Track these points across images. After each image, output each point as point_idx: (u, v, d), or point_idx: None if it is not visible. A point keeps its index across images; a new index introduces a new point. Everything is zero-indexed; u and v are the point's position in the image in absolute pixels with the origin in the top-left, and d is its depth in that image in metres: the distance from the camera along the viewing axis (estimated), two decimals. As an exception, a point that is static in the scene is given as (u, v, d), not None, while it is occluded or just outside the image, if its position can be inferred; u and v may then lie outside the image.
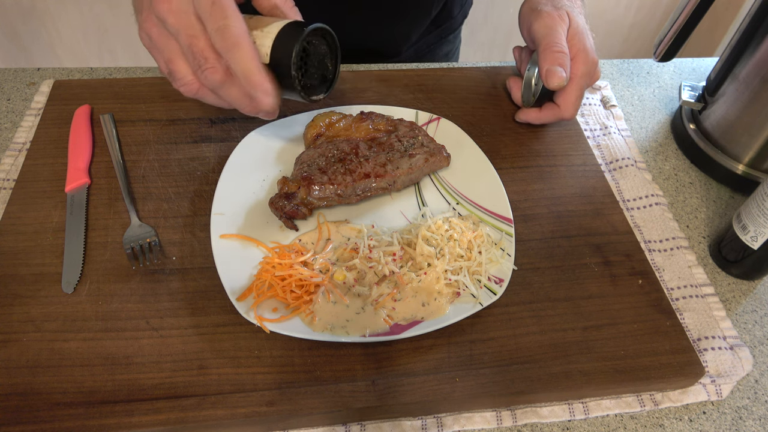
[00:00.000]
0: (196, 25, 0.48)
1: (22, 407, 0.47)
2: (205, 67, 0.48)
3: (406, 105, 0.73)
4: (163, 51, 0.50)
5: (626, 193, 0.68)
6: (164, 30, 0.50)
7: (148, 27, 0.50)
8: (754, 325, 0.59)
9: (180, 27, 0.48)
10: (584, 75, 0.67)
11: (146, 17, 0.50)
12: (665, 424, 0.52)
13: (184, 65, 0.50)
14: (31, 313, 0.52)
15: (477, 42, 1.94)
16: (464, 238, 0.56)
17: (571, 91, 0.68)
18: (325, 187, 0.58)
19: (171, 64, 0.50)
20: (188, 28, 0.48)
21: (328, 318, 0.52)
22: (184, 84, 0.51)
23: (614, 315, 0.56)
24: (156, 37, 0.50)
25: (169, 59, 0.50)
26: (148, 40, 0.52)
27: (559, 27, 0.67)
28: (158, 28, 0.50)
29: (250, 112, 0.52)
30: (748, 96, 0.66)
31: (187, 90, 0.51)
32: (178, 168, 0.65)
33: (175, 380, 0.49)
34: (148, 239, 0.58)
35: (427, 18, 0.92)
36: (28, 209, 0.60)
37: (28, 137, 0.68)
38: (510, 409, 0.52)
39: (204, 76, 0.49)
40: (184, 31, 0.48)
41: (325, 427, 0.50)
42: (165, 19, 0.48)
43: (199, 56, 0.48)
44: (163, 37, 0.50)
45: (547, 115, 0.70)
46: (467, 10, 1.02)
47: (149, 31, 0.50)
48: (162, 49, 0.50)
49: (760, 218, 0.56)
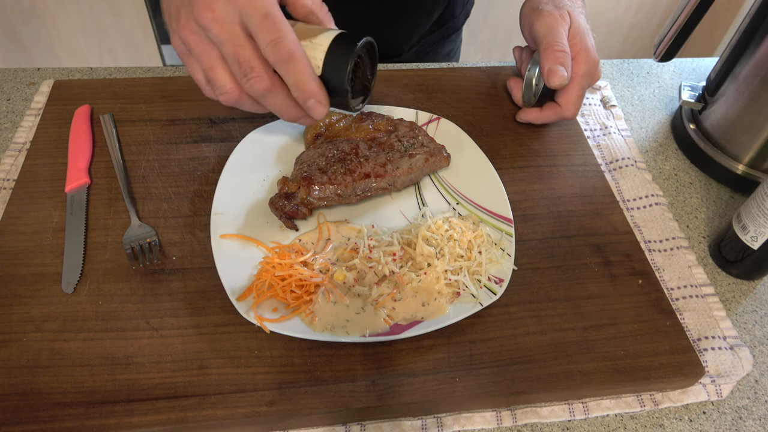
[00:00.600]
0: (241, 34, 0.48)
1: (22, 407, 0.47)
2: (251, 76, 0.48)
3: (406, 105, 0.73)
4: (203, 59, 0.50)
5: (626, 193, 0.68)
6: (205, 38, 0.49)
7: (186, 34, 0.50)
8: (754, 325, 0.59)
9: (225, 36, 0.48)
10: (585, 74, 0.67)
11: (184, 24, 0.50)
12: (665, 424, 0.52)
13: (224, 74, 0.50)
14: (31, 313, 0.52)
15: (477, 42, 1.94)
16: (464, 238, 0.56)
17: (572, 91, 0.68)
18: (325, 187, 0.58)
19: (211, 72, 0.50)
20: (234, 38, 0.48)
21: (328, 318, 0.52)
22: (224, 92, 0.51)
23: (614, 315, 0.56)
24: (195, 44, 0.50)
25: (209, 67, 0.50)
26: (184, 48, 0.51)
27: (560, 26, 0.67)
28: (198, 35, 0.49)
29: (290, 119, 0.53)
30: (748, 96, 0.66)
31: (226, 98, 0.51)
32: (178, 168, 0.65)
33: (175, 380, 0.49)
34: (148, 239, 0.58)
35: (429, 19, 0.92)
36: (28, 209, 0.60)
37: (28, 137, 0.68)
38: (510, 409, 0.52)
39: (249, 85, 0.49)
40: (230, 40, 0.48)
41: (325, 427, 0.50)
42: (208, 27, 0.48)
43: (245, 65, 0.48)
44: (202, 45, 0.50)
45: (548, 114, 0.70)
46: (469, 10, 1.02)
47: (187, 38, 0.50)
48: (201, 58, 0.50)
49: (760, 218, 0.56)
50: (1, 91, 0.75)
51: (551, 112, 0.70)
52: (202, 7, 0.47)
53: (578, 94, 0.68)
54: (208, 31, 0.48)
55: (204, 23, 0.48)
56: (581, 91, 0.68)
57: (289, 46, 0.47)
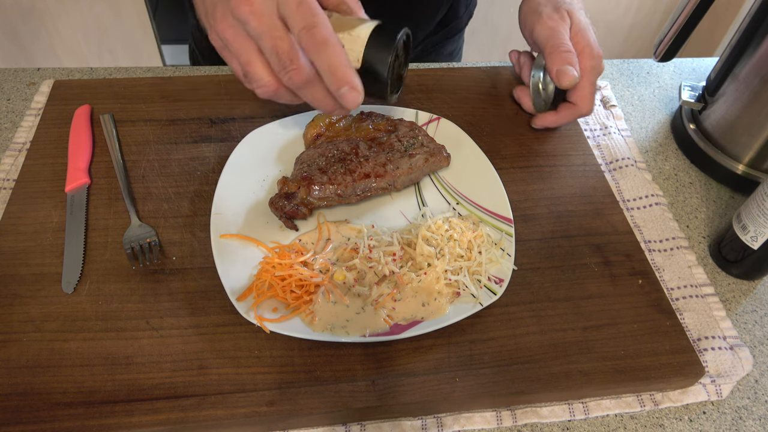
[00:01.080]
0: (279, 26, 0.47)
1: (22, 407, 0.47)
2: (290, 68, 0.48)
3: (406, 105, 0.73)
4: (240, 54, 0.50)
5: (626, 193, 0.68)
6: (242, 31, 0.49)
7: (223, 29, 0.49)
8: (754, 325, 0.59)
9: (263, 29, 0.47)
10: (592, 69, 0.67)
11: (221, 19, 0.49)
12: (665, 424, 0.52)
13: (262, 67, 0.50)
14: (31, 313, 0.52)
15: (477, 42, 1.94)
16: (464, 238, 0.56)
17: (584, 87, 0.68)
18: (325, 187, 0.58)
19: (249, 66, 0.50)
20: (273, 30, 0.47)
21: (328, 318, 0.52)
22: (261, 86, 0.51)
23: (614, 315, 0.56)
24: (232, 38, 0.49)
25: (247, 62, 0.50)
26: (221, 43, 0.51)
27: (561, 28, 0.67)
28: (234, 29, 0.49)
29: (328, 110, 0.52)
30: (748, 96, 0.66)
31: (264, 91, 0.51)
32: (178, 168, 0.65)
33: (175, 380, 0.49)
34: (148, 239, 0.58)
35: (432, 19, 0.92)
36: (28, 209, 0.60)
37: (28, 137, 0.68)
38: (510, 409, 0.52)
39: (289, 77, 0.49)
40: (268, 32, 0.47)
41: (325, 427, 0.50)
42: (247, 21, 0.47)
43: (284, 57, 0.48)
44: (239, 38, 0.49)
45: (565, 115, 0.70)
46: (472, 10, 1.02)
47: (224, 33, 0.49)
48: (239, 52, 0.50)
49: (760, 218, 0.56)
50: (1, 91, 0.75)
51: (567, 113, 0.70)
52: (240, 1, 0.47)
53: (590, 89, 0.68)
54: (246, 24, 0.48)
55: (242, 17, 0.47)
56: (592, 86, 0.68)
57: (323, 32, 0.47)
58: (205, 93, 0.73)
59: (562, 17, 0.68)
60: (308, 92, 0.50)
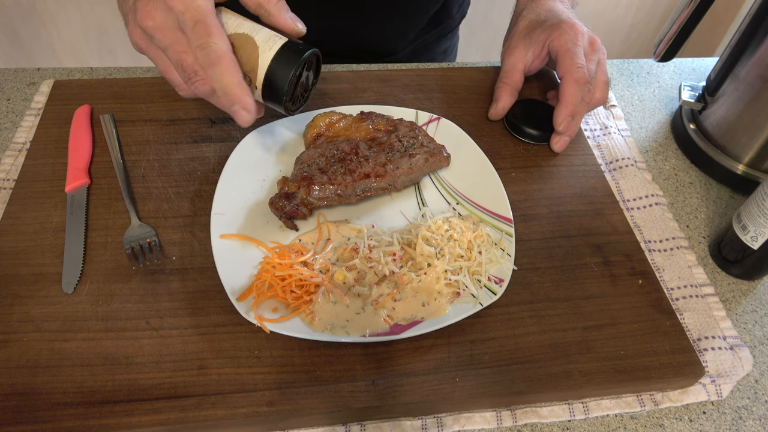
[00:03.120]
0: (182, 40, 0.50)
1: (22, 407, 0.47)
2: (194, 80, 0.51)
3: (406, 105, 0.73)
4: (157, 63, 0.53)
5: (626, 193, 0.68)
6: (151, 43, 0.52)
7: (136, 40, 0.53)
8: (754, 325, 0.59)
9: (167, 42, 0.50)
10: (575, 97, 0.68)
11: (132, 30, 0.53)
12: (665, 424, 0.52)
13: (176, 75, 0.53)
14: (31, 313, 0.52)
15: (477, 42, 1.94)
16: (464, 238, 0.56)
17: (560, 112, 0.68)
18: (325, 187, 0.58)
19: (167, 74, 0.54)
20: (175, 44, 0.50)
21: (328, 318, 0.52)
22: (180, 90, 0.55)
23: (614, 315, 0.56)
24: (145, 48, 0.53)
25: (164, 70, 0.54)
26: (139, 49, 0.54)
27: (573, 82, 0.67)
28: (145, 41, 0.52)
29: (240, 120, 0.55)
30: (748, 96, 0.66)
31: (184, 95, 0.55)
32: (178, 168, 0.65)
33: (175, 380, 0.49)
34: (148, 239, 0.58)
35: (423, 16, 0.92)
36: (28, 209, 0.60)
37: (28, 137, 0.68)
38: (510, 409, 0.52)
39: (195, 87, 0.52)
40: (172, 47, 0.50)
41: (325, 427, 0.50)
42: (152, 34, 0.50)
43: (188, 70, 0.51)
44: (151, 49, 0.53)
45: (564, 140, 0.69)
46: (465, 10, 1.02)
47: (138, 43, 0.53)
48: (154, 61, 0.53)
49: (760, 218, 0.56)
50: (1, 91, 0.75)
51: (566, 138, 0.70)
52: (144, 14, 0.50)
53: (567, 112, 0.67)
54: (152, 37, 0.51)
55: (148, 31, 0.50)
56: (570, 111, 0.68)
57: (216, 52, 0.49)
58: (205, 93, 0.73)
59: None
60: (216, 101, 0.53)
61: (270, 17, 0.54)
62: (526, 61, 0.71)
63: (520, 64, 0.71)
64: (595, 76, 0.68)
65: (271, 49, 0.52)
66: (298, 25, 0.54)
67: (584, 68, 0.66)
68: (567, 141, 0.69)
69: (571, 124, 0.67)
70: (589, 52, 0.68)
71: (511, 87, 0.71)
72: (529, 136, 0.70)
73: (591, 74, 0.67)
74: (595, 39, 0.69)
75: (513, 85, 0.71)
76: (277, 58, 0.52)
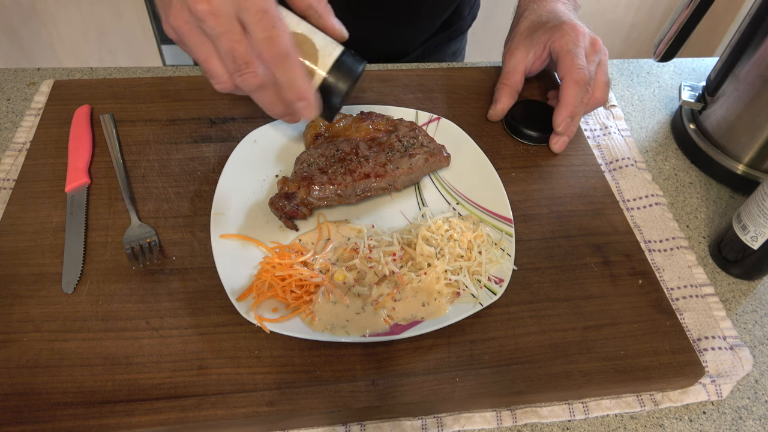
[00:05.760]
0: (238, 28, 0.47)
1: (22, 407, 0.47)
2: (245, 71, 0.48)
3: (406, 105, 0.73)
4: (198, 51, 0.49)
5: (626, 193, 0.68)
6: (198, 29, 0.48)
7: (178, 24, 0.48)
8: (754, 325, 0.59)
9: (221, 30, 0.47)
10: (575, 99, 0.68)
11: (176, 13, 0.48)
12: (665, 424, 0.52)
13: (219, 65, 0.49)
14: (31, 313, 0.52)
15: (477, 42, 1.94)
16: (464, 238, 0.56)
17: (559, 114, 0.68)
18: (325, 187, 0.58)
19: (207, 64, 0.50)
20: (230, 32, 0.47)
21: (328, 318, 0.52)
22: (219, 83, 0.51)
23: (614, 315, 0.56)
24: (187, 34, 0.49)
25: (205, 59, 0.49)
26: (176, 35, 0.50)
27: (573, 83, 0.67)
28: (190, 25, 0.48)
29: (276, 115, 0.53)
30: (748, 96, 0.66)
31: (221, 88, 0.51)
32: (178, 168, 0.65)
33: (175, 380, 0.49)
34: (148, 239, 0.58)
35: (437, 20, 0.92)
36: (28, 209, 0.60)
37: (28, 137, 0.68)
38: (510, 409, 0.52)
39: (242, 79, 0.49)
40: (226, 34, 0.47)
41: (325, 427, 0.50)
42: (204, 19, 0.47)
43: (239, 60, 0.48)
44: (195, 35, 0.48)
45: (563, 140, 0.69)
46: (476, 12, 1.02)
47: (179, 28, 0.48)
48: (195, 49, 0.49)
49: (760, 218, 0.56)
50: (1, 91, 0.75)
51: (565, 138, 0.70)
52: None
53: (566, 113, 0.67)
54: (202, 22, 0.47)
55: (199, 15, 0.47)
56: (569, 113, 0.68)
57: (285, 45, 0.47)
58: (205, 93, 0.73)
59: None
60: (259, 96, 0.51)
61: (319, 18, 0.53)
62: (527, 63, 0.71)
63: (521, 66, 0.71)
64: (594, 76, 0.68)
65: (331, 54, 0.52)
66: (344, 29, 0.54)
67: (584, 69, 0.66)
68: (566, 141, 0.69)
69: (570, 125, 0.67)
70: (590, 53, 0.68)
71: (511, 88, 0.71)
72: (528, 138, 0.70)
73: (591, 75, 0.67)
74: (596, 40, 0.69)
75: (513, 87, 0.71)
76: (337, 64, 0.52)
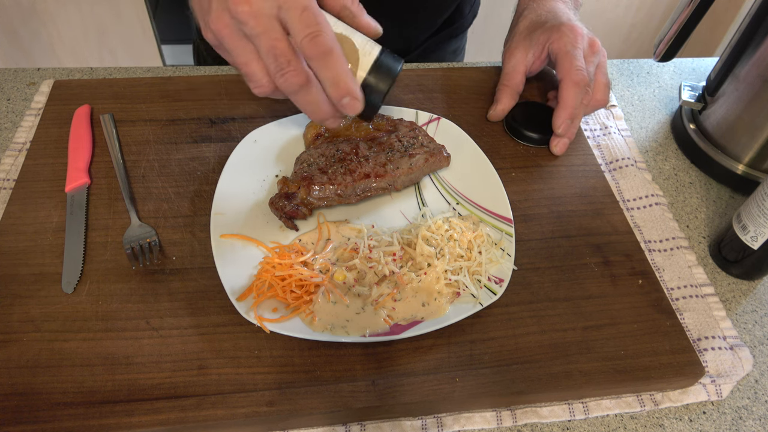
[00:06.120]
0: (278, 28, 0.47)
1: (22, 407, 0.47)
2: (287, 70, 0.47)
3: (406, 105, 0.73)
4: (238, 54, 0.49)
5: (626, 193, 0.68)
6: (238, 31, 0.48)
7: (219, 28, 0.48)
8: (754, 325, 0.59)
9: (261, 30, 0.47)
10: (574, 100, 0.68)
11: (217, 17, 0.48)
12: (665, 424, 0.52)
13: (259, 68, 0.49)
14: (31, 313, 0.52)
15: (478, 42, 1.94)
16: (464, 238, 0.56)
17: (559, 116, 0.68)
18: (325, 187, 0.58)
19: (246, 68, 0.49)
20: (271, 31, 0.47)
21: (328, 318, 0.52)
22: (259, 86, 0.50)
23: (614, 315, 0.56)
24: (228, 37, 0.48)
25: (244, 62, 0.49)
26: (216, 41, 0.50)
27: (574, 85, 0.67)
28: (230, 28, 0.48)
29: (320, 117, 0.52)
30: (748, 96, 0.66)
31: (260, 91, 0.51)
32: (178, 168, 0.65)
33: (175, 380, 0.49)
34: (148, 239, 0.58)
35: (438, 19, 0.92)
36: (28, 209, 0.60)
37: (28, 137, 0.68)
38: (510, 409, 0.52)
39: (285, 79, 0.48)
40: (266, 33, 0.47)
41: (325, 427, 0.50)
42: (245, 21, 0.47)
43: (281, 59, 0.47)
44: (235, 38, 0.48)
45: (564, 141, 0.69)
46: (477, 10, 1.02)
47: (220, 32, 0.48)
48: (235, 52, 0.49)
49: (760, 218, 0.56)
50: (1, 91, 0.75)
51: (566, 140, 0.70)
52: (239, 0, 0.46)
53: (567, 115, 0.67)
54: (243, 24, 0.47)
55: (240, 17, 0.46)
56: (569, 114, 0.67)
57: (327, 41, 0.47)
58: (205, 93, 0.73)
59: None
60: (301, 97, 0.50)
61: (354, 18, 0.53)
62: (527, 63, 0.71)
63: (521, 66, 0.71)
64: (594, 78, 0.68)
65: (370, 53, 0.52)
66: (378, 26, 0.53)
67: (583, 71, 0.66)
68: (566, 144, 0.69)
69: (570, 126, 0.67)
70: (589, 54, 0.68)
71: (512, 89, 0.71)
72: (529, 140, 0.70)
73: (590, 77, 0.67)
74: (595, 41, 0.69)
75: (514, 88, 0.71)
76: (377, 63, 0.52)
